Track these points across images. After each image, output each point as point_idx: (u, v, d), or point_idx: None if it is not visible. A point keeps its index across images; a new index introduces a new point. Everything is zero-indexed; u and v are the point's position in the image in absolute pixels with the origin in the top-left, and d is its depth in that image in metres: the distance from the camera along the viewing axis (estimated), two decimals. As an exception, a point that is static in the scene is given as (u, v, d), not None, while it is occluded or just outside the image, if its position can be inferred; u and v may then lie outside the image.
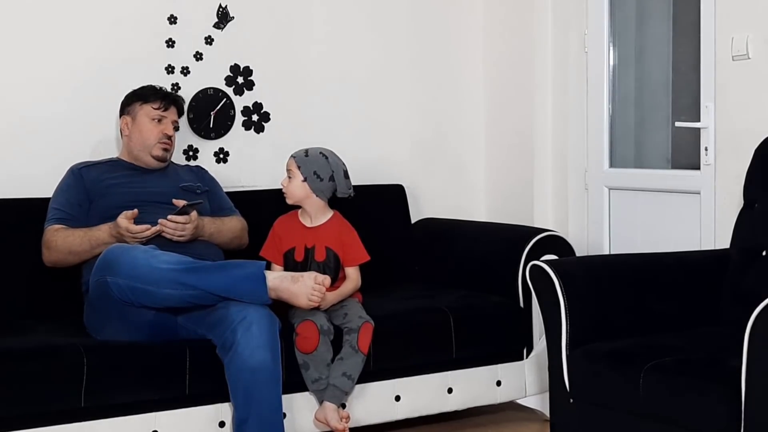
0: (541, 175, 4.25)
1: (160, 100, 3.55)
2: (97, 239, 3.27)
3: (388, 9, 4.35)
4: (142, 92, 3.57)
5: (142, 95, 3.56)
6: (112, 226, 3.27)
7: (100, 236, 3.28)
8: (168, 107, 3.56)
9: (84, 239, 3.28)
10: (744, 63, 3.43)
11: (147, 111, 3.53)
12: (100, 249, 3.22)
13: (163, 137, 3.51)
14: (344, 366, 3.24)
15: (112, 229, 3.26)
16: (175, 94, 3.67)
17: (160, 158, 3.53)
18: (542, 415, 3.78)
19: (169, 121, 3.56)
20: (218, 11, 3.98)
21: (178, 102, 3.64)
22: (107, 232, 3.27)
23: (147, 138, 3.51)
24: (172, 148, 3.58)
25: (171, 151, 3.58)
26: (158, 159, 3.53)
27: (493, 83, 4.48)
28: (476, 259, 3.88)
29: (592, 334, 2.98)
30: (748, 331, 2.41)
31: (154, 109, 3.53)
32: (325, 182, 3.45)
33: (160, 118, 3.53)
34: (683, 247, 3.58)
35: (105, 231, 3.28)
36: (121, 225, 3.23)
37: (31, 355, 2.90)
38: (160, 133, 3.52)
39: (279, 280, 3.08)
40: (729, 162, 3.49)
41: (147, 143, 3.51)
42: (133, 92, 3.59)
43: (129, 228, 3.22)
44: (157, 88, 3.62)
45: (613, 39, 4.12)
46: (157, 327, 3.10)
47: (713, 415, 2.53)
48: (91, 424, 2.97)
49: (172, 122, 3.57)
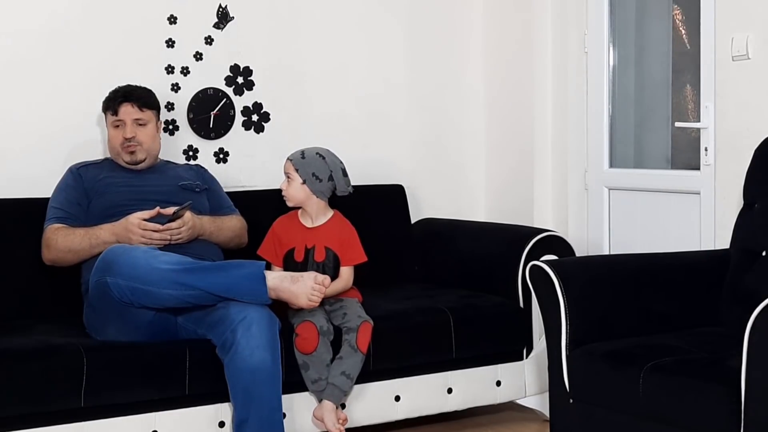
0: (541, 175, 4.25)
1: (111, 103, 3.49)
2: (98, 238, 3.27)
3: (388, 9, 4.35)
4: (105, 100, 3.54)
5: (104, 104, 3.54)
6: (114, 225, 3.26)
7: (100, 235, 3.28)
8: (119, 108, 3.48)
9: (84, 238, 3.28)
10: (744, 63, 3.43)
11: (109, 119, 3.52)
12: (99, 248, 3.22)
13: (123, 142, 3.47)
14: (343, 365, 3.24)
15: (116, 228, 3.26)
16: (130, 88, 3.54)
17: (129, 162, 3.49)
18: (542, 415, 3.78)
19: (128, 121, 3.47)
20: (218, 11, 3.98)
21: (133, 96, 3.50)
22: (108, 231, 3.27)
23: (113, 146, 3.50)
24: (143, 147, 3.49)
25: (143, 150, 3.49)
26: (129, 163, 3.50)
27: (493, 83, 4.48)
28: (476, 259, 3.88)
29: (592, 334, 2.98)
30: (748, 331, 2.41)
31: (111, 115, 3.50)
32: (324, 182, 3.45)
33: (117, 123, 3.49)
34: (683, 247, 3.58)
35: (106, 230, 3.28)
36: (133, 222, 3.22)
37: (31, 355, 2.90)
38: (120, 137, 3.48)
39: (279, 280, 3.08)
40: (729, 162, 3.49)
41: (114, 151, 3.51)
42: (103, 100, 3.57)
43: (141, 224, 3.21)
44: (116, 89, 3.55)
45: (613, 39, 4.12)
46: (157, 327, 3.10)
47: (713, 415, 2.53)
48: (91, 424, 2.97)
49: (131, 122, 3.48)
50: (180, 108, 3.89)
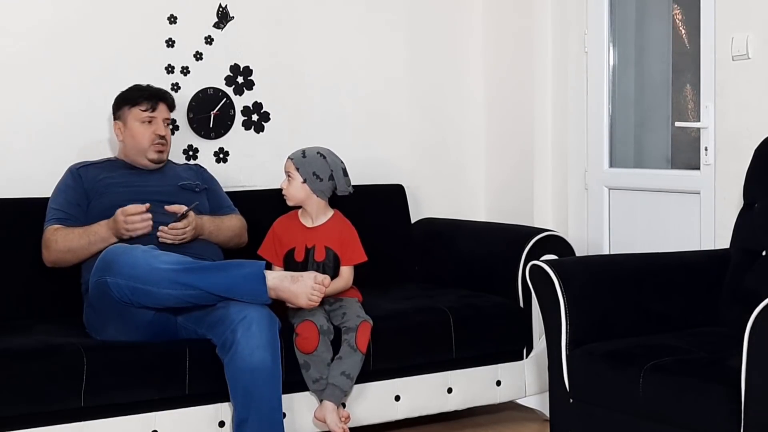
0: (541, 175, 4.25)
1: (146, 101, 3.49)
2: (95, 234, 3.27)
3: (388, 9, 4.35)
4: (129, 95, 3.53)
5: (129, 98, 3.52)
6: (108, 221, 3.26)
7: (97, 231, 3.27)
8: (156, 106, 3.50)
9: (82, 236, 3.28)
10: (744, 63, 3.43)
11: (136, 114, 3.48)
12: (97, 246, 3.23)
13: (156, 139, 3.48)
14: (343, 365, 3.24)
15: (110, 222, 3.26)
16: (163, 91, 3.59)
17: (155, 160, 3.51)
18: (542, 415, 3.78)
19: (160, 120, 3.51)
20: (218, 11, 3.98)
21: (167, 98, 3.56)
22: (105, 226, 3.27)
23: (140, 142, 3.48)
24: (167, 148, 3.54)
25: (167, 151, 3.55)
26: (154, 161, 3.51)
27: (493, 83, 4.48)
28: (476, 259, 3.88)
29: (592, 334, 2.98)
30: (748, 331, 2.41)
31: (143, 111, 3.48)
32: (324, 182, 3.45)
33: (150, 119, 3.49)
34: (683, 247, 3.58)
35: (103, 226, 3.28)
36: (117, 213, 3.22)
37: (31, 355, 2.90)
38: (153, 134, 3.48)
39: (279, 279, 3.08)
40: (729, 162, 3.49)
41: (141, 147, 3.49)
42: (120, 95, 3.54)
43: (125, 210, 3.20)
44: (143, 87, 3.57)
45: (613, 39, 4.12)
46: (157, 327, 3.10)
47: (713, 415, 2.53)
48: (90, 423, 2.97)
49: (163, 120, 3.52)
50: (180, 108, 3.88)
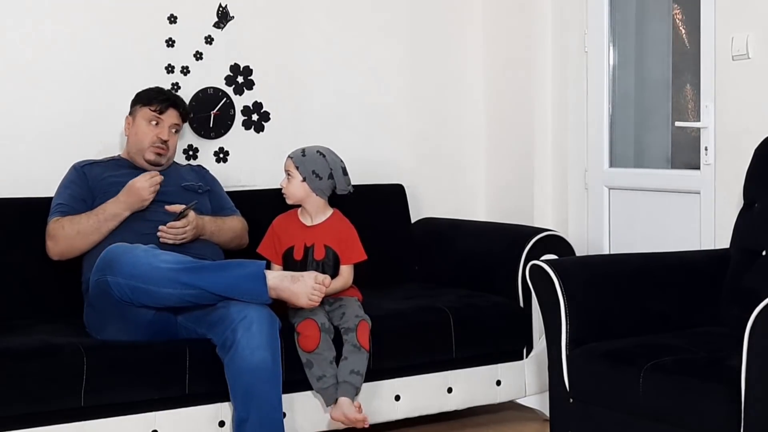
0: (541, 175, 4.25)
1: (159, 102, 3.50)
2: (104, 212, 3.28)
3: (388, 9, 4.35)
4: (146, 93, 3.55)
5: (144, 96, 3.54)
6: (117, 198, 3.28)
7: (106, 209, 3.29)
8: (165, 110, 3.50)
9: (90, 217, 3.28)
10: (744, 63, 3.43)
11: (145, 113, 3.50)
12: (108, 225, 3.26)
13: (157, 141, 3.48)
14: (350, 364, 3.24)
15: (121, 196, 3.28)
16: (179, 98, 3.61)
17: (152, 162, 3.49)
18: (542, 414, 3.78)
19: (167, 124, 3.51)
20: (218, 11, 3.98)
21: (179, 105, 3.57)
22: (113, 204, 3.28)
23: (141, 140, 3.49)
24: (168, 153, 3.52)
25: (167, 156, 3.52)
26: (150, 162, 3.49)
27: (493, 83, 4.48)
28: (476, 258, 3.88)
29: (592, 334, 2.98)
30: (748, 331, 2.41)
31: (151, 111, 3.49)
32: (324, 181, 3.45)
33: (157, 121, 3.49)
34: (683, 247, 3.58)
35: (111, 204, 3.29)
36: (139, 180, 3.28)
37: (31, 355, 2.90)
38: (155, 136, 3.48)
39: (279, 279, 3.08)
40: (729, 162, 3.49)
41: (141, 146, 3.49)
42: (139, 92, 3.57)
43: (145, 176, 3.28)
44: (162, 90, 3.60)
45: (613, 39, 4.12)
46: (157, 326, 3.10)
47: (713, 415, 2.53)
48: (90, 423, 2.97)
49: (170, 126, 3.52)
50: (180, 107, 3.89)
